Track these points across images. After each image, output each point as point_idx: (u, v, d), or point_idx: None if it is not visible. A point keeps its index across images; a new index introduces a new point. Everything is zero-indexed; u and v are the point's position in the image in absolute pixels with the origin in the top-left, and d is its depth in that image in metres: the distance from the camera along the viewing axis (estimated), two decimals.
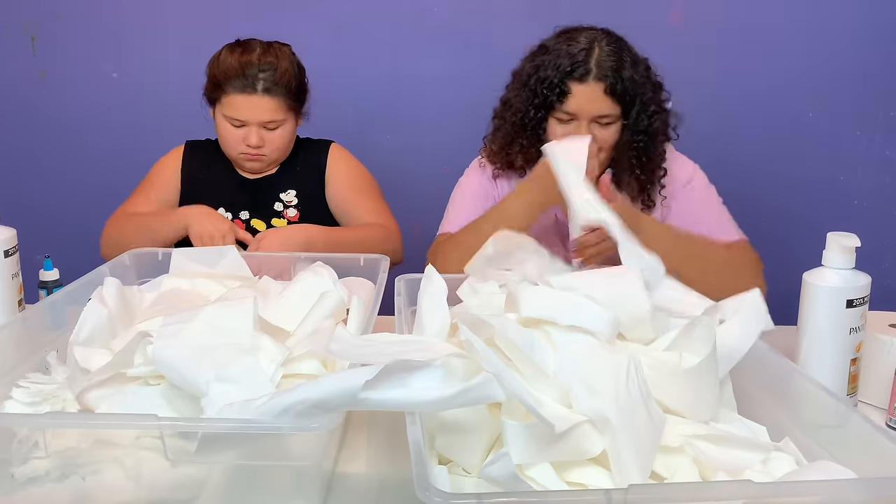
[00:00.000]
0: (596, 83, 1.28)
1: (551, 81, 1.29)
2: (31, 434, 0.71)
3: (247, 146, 1.51)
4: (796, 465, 0.73)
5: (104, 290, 0.97)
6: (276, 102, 1.49)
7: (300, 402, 0.66)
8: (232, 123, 1.50)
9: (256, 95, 1.47)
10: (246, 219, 1.58)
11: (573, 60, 1.28)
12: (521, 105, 1.34)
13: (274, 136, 1.52)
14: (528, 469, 0.67)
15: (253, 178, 1.59)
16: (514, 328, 0.76)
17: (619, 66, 1.29)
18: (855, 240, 0.95)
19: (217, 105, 1.51)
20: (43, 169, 2.16)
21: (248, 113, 1.48)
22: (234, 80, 1.47)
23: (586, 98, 1.29)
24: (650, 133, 1.34)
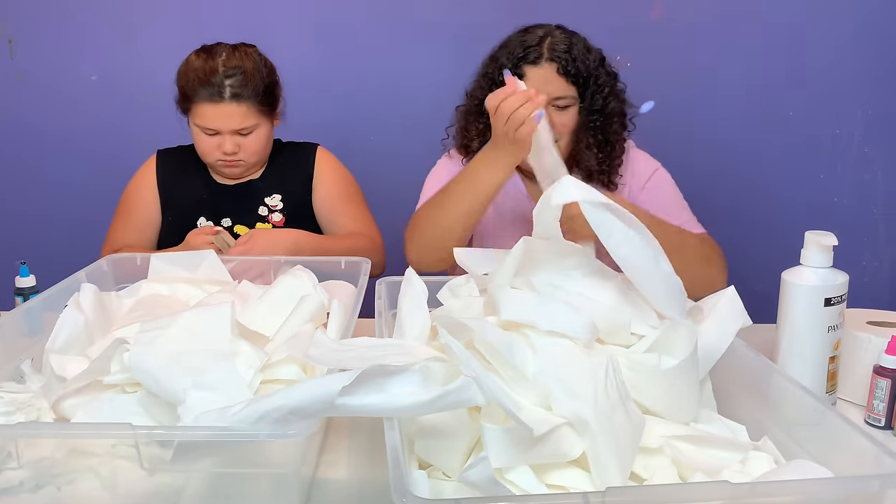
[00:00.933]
0: (549, 64, 1.32)
1: (504, 66, 1.33)
2: (4, 444, 0.70)
3: (223, 153, 1.49)
4: (775, 464, 0.74)
5: (81, 296, 0.96)
6: (246, 108, 1.46)
7: (277, 409, 0.65)
8: (205, 132, 1.48)
9: (224, 103, 1.44)
10: (228, 226, 1.56)
11: (526, 46, 1.33)
12: (478, 92, 1.38)
13: (249, 141, 1.49)
14: (507, 472, 0.67)
15: (234, 183, 1.58)
16: (494, 331, 0.75)
17: (571, 49, 1.33)
18: (832, 238, 0.96)
19: (189, 114, 1.49)
20: (20, 173, 2.13)
21: (219, 121, 1.45)
22: (201, 89, 1.44)
23: (541, 79, 1.31)
24: (606, 114, 1.37)
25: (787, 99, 2.13)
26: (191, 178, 1.58)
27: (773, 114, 2.14)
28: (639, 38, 2.08)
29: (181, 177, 1.59)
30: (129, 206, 1.57)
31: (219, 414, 0.67)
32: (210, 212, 1.55)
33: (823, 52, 2.10)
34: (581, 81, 1.33)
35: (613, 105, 1.37)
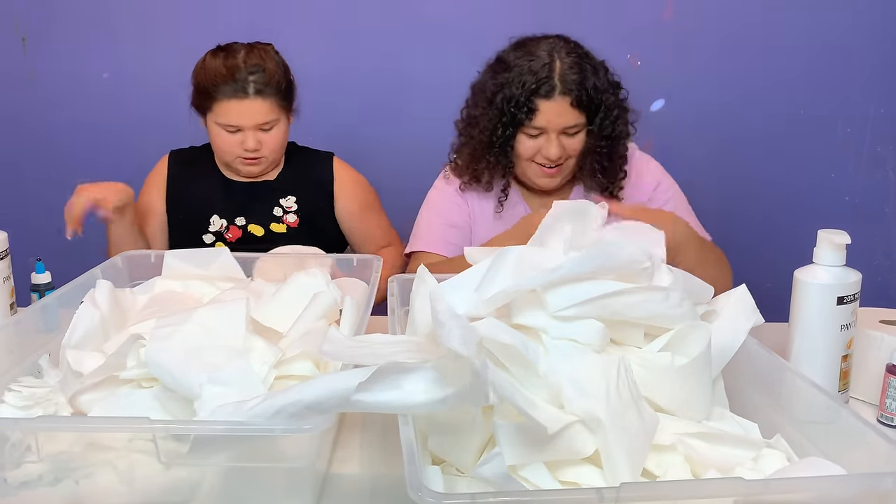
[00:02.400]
0: (562, 98, 1.31)
1: (518, 100, 1.31)
2: (23, 438, 0.71)
3: (244, 150, 1.49)
4: (787, 461, 0.74)
5: (96, 292, 0.97)
6: (269, 104, 1.48)
7: (293, 404, 0.66)
8: (226, 130, 1.48)
9: (249, 99, 1.46)
10: (242, 224, 1.56)
11: (537, 77, 1.30)
12: (488, 123, 1.36)
13: (269, 137, 1.51)
14: (520, 469, 0.68)
15: (248, 182, 1.58)
16: (506, 329, 0.76)
17: (583, 77, 1.32)
18: (845, 237, 0.96)
19: (208, 113, 1.49)
20: (34, 171, 2.15)
21: (243, 118, 1.47)
22: (224, 86, 1.45)
23: (554, 113, 1.31)
24: (614, 137, 1.37)
25: (798, 98, 2.13)
26: (204, 176, 1.59)
27: (785, 112, 2.13)
28: (650, 37, 2.08)
29: (194, 176, 1.59)
30: (142, 218, 1.58)
31: (235, 408, 0.68)
32: (224, 210, 1.56)
33: (835, 51, 2.09)
34: (592, 109, 1.34)
35: (621, 128, 1.37)
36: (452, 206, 1.47)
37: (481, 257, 1.00)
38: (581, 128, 1.35)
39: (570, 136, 1.34)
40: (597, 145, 1.36)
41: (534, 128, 1.33)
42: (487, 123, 1.36)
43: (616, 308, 0.79)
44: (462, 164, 1.44)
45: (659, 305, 0.81)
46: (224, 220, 1.56)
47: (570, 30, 2.01)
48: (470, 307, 0.81)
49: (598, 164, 1.38)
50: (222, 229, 1.56)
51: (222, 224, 1.56)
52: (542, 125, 1.32)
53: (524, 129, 1.34)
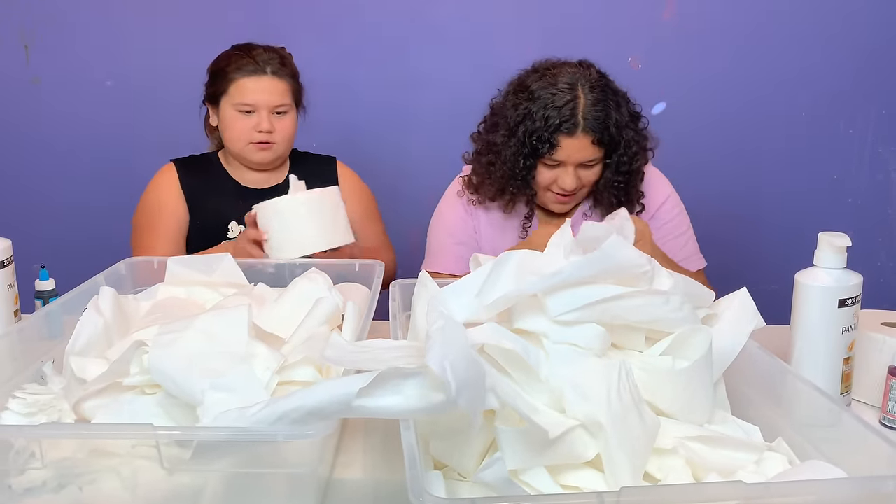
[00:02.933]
0: (584, 135, 1.31)
1: (541, 135, 1.32)
2: (27, 445, 0.71)
3: (257, 133, 1.50)
4: (789, 464, 0.74)
5: (100, 299, 0.97)
6: (284, 85, 1.51)
7: (295, 410, 0.66)
8: (241, 110, 1.50)
9: (266, 77, 1.49)
10: None
11: (560, 114, 1.31)
12: (509, 154, 1.36)
13: (283, 123, 1.52)
14: (522, 473, 0.68)
15: (258, 188, 1.58)
16: (507, 334, 0.76)
17: (606, 115, 1.32)
18: (846, 239, 0.96)
19: (224, 98, 1.51)
20: (38, 178, 2.16)
21: (259, 95, 1.49)
22: (244, 66, 1.49)
23: (574, 148, 1.32)
24: (631, 172, 1.38)
25: (800, 99, 2.13)
26: (218, 184, 1.58)
27: (786, 114, 2.13)
28: (650, 39, 2.08)
29: (207, 183, 1.58)
30: (155, 216, 1.55)
31: (238, 414, 0.68)
32: (239, 217, 1.54)
33: (836, 52, 2.09)
34: (612, 145, 1.34)
35: (639, 162, 1.38)
36: (459, 223, 1.48)
37: None
38: (598, 161, 1.36)
39: (586, 168, 1.36)
40: (614, 179, 1.37)
41: (552, 160, 1.34)
42: (509, 154, 1.36)
43: (617, 312, 0.79)
44: (478, 183, 1.44)
45: (659, 309, 0.81)
46: (243, 225, 1.55)
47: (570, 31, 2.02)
48: (471, 312, 0.81)
49: (615, 198, 1.39)
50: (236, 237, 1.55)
51: (241, 230, 1.55)
52: (561, 159, 1.33)
53: (543, 160, 1.35)
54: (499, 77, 1.46)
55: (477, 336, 0.76)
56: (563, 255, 0.87)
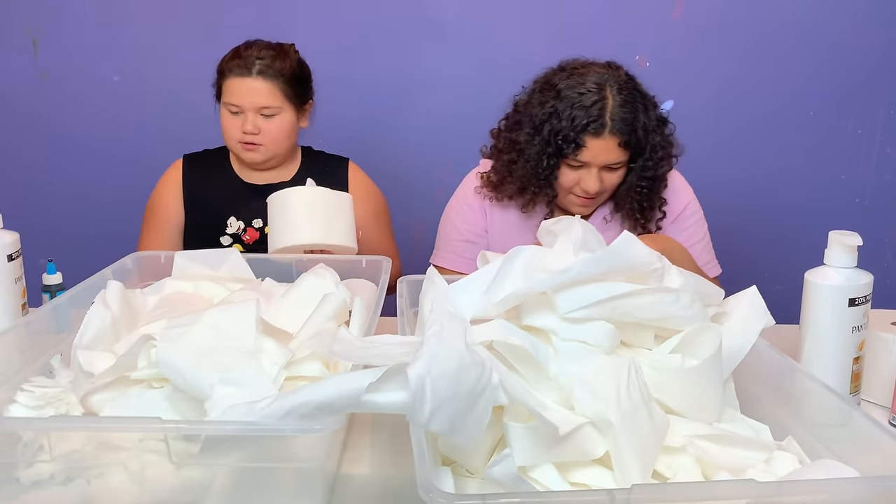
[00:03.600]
0: (611, 137, 1.29)
1: (566, 135, 1.30)
2: (35, 437, 0.71)
3: (242, 133, 1.50)
4: (799, 463, 0.73)
5: (107, 293, 0.97)
6: (271, 86, 1.49)
7: (304, 405, 0.66)
8: (230, 110, 1.50)
9: (251, 78, 1.48)
10: (260, 227, 1.56)
11: (588, 114, 1.28)
12: (533, 153, 1.34)
13: (271, 125, 1.51)
14: (531, 470, 0.68)
15: (264, 184, 1.57)
16: (516, 331, 0.76)
17: (634, 117, 1.30)
18: (857, 238, 0.96)
19: (222, 96, 1.52)
20: (45, 172, 2.16)
21: (243, 97, 1.48)
22: (233, 66, 1.49)
23: (600, 150, 1.30)
24: (656, 178, 1.37)
25: (807, 99, 2.12)
26: (220, 178, 1.59)
27: (794, 114, 2.13)
28: (659, 37, 2.08)
29: (210, 177, 1.59)
30: (154, 216, 1.59)
31: (246, 409, 0.68)
32: (241, 212, 1.56)
33: (845, 52, 2.08)
34: (638, 150, 1.33)
35: (664, 168, 1.37)
36: (470, 221, 1.46)
37: None
38: (623, 165, 1.34)
39: (611, 171, 1.34)
40: (637, 185, 1.36)
41: (577, 161, 1.32)
42: (532, 153, 1.34)
43: (626, 310, 0.79)
44: (497, 181, 1.41)
45: (669, 307, 0.80)
46: (241, 221, 1.56)
47: (577, 28, 2.01)
48: (479, 309, 0.81)
49: (637, 204, 1.38)
50: (239, 231, 1.56)
51: (239, 226, 1.56)
52: (586, 160, 1.31)
53: (567, 161, 1.33)
54: (505, 74, 1.46)
55: (485, 333, 0.76)
56: (572, 252, 0.87)
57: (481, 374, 0.65)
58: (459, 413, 0.64)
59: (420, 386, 0.62)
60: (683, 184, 1.47)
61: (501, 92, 1.44)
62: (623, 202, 1.39)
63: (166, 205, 1.58)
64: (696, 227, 1.45)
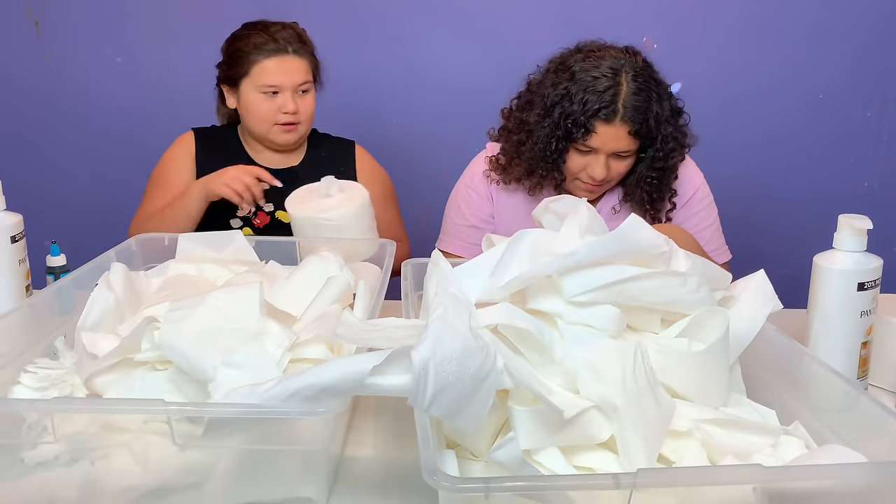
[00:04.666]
0: (622, 124, 1.27)
1: (577, 119, 1.27)
2: (40, 419, 0.71)
3: (283, 114, 1.49)
4: (806, 448, 0.73)
5: (111, 275, 0.97)
6: (305, 63, 1.51)
7: (308, 387, 0.66)
8: (265, 92, 1.48)
9: (289, 56, 1.48)
10: (270, 211, 1.55)
11: (601, 100, 1.26)
12: (543, 135, 1.32)
13: (306, 102, 1.52)
14: (535, 454, 0.67)
15: (274, 168, 1.56)
16: (522, 314, 0.75)
17: (647, 106, 1.27)
18: (867, 222, 0.94)
19: (245, 80, 1.49)
20: (49, 154, 2.16)
21: (283, 76, 1.48)
22: (265, 45, 1.47)
23: (610, 137, 1.28)
24: (666, 169, 1.35)
25: (816, 82, 2.09)
26: (232, 158, 1.56)
27: (804, 96, 2.10)
28: (666, 17, 2.05)
29: (221, 158, 1.56)
30: (165, 180, 1.56)
31: (250, 391, 0.68)
32: None
33: (854, 35, 2.06)
34: (649, 139, 1.31)
35: (674, 160, 1.34)
36: (475, 205, 1.44)
37: None
38: (632, 154, 1.32)
39: (619, 159, 1.32)
40: (647, 175, 1.34)
41: (586, 146, 1.30)
42: (542, 134, 1.32)
43: (632, 293, 0.78)
44: (505, 163, 1.40)
45: (676, 291, 0.80)
46: (253, 206, 1.54)
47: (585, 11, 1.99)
48: (484, 293, 0.80)
49: (647, 195, 1.36)
50: (250, 214, 1.55)
51: (250, 210, 1.54)
52: (595, 146, 1.29)
53: (576, 145, 1.31)
54: (511, 58, 1.44)
55: (490, 316, 0.75)
56: (578, 235, 0.86)
57: (485, 359, 0.65)
58: (462, 397, 0.63)
59: (423, 369, 0.61)
60: (694, 169, 1.45)
61: (508, 76, 1.42)
62: (633, 192, 1.37)
63: (179, 176, 1.55)
64: (706, 212, 1.43)
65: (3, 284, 1.09)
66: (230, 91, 1.54)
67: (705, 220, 1.43)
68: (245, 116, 1.54)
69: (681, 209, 1.42)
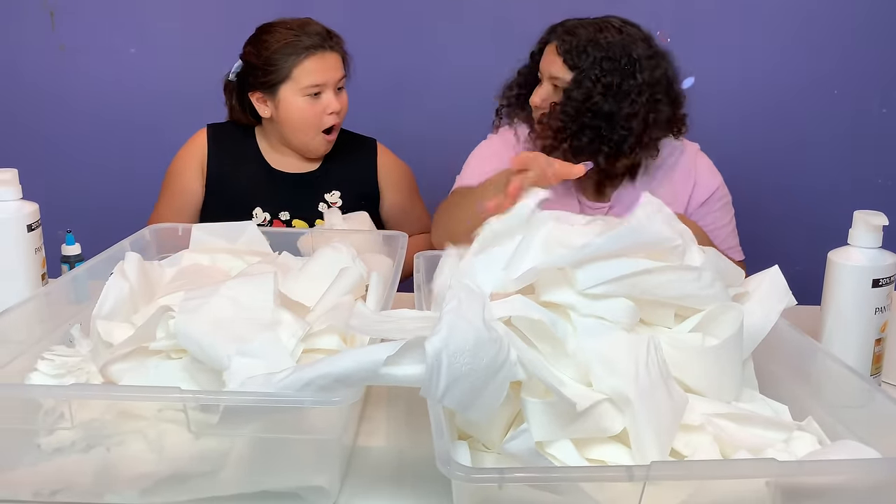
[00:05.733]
0: (553, 45, 1.33)
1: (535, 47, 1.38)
2: (56, 405, 0.72)
3: (328, 116, 1.45)
4: (819, 444, 0.73)
5: (125, 264, 0.98)
6: (340, 58, 1.47)
7: (322, 377, 0.66)
8: (309, 93, 1.43)
9: (329, 52, 1.44)
10: (286, 219, 1.52)
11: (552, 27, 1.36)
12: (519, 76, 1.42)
13: (343, 99, 1.49)
14: (548, 446, 0.67)
15: (294, 173, 1.53)
16: (535, 306, 0.75)
17: (585, 41, 1.29)
18: (882, 218, 0.94)
19: (284, 86, 1.43)
20: (64, 144, 2.17)
21: (327, 73, 1.43)
22: (302, 48, 1.42)
23: (548, 60, 1.33)
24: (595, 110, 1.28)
25: (832, 77, 2.08)
26: (247, 159, 1.53)
27: (818, 92, 2.09)
28: (680, 12, 2.04)
29: (236, 161, 1.53)
30: (172, 186, 1.54)
31: (264, 380, 0.68)
32: (267, 202, 1.51)
33: (870, 29, 2.04)
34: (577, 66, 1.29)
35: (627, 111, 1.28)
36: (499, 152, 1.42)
37: None
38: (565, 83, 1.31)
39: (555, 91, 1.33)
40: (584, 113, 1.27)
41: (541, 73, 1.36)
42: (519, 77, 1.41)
43: (646, 287, 0.78)
44: None
45: (690, 285, 0.79)
46: (267, 213, 1.51)
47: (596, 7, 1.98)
48: (499, 285, 0.81)
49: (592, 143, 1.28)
50: (265, 223, 1.51)
51: (265, 217, 1.51)
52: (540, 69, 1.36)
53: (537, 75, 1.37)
54: (521, 48, 1.44)
55: (504, 308, 0.75)
56: (592, 228, 0.86)
57: (499, 351, 0.65)
58: (475, 389, 0.63)
59: (436, 360, 0.61)
60: (713, 169, 1.44)
61: None
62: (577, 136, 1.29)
63: (186, 183, 1.53)
64: (723, 211, 1.43)
65: (20, 273, 1.09)
66: (263, 99, 1.47)
67: (722, 218, 1.43)
68: (286, 124, 1.46)
69: (699, 207, 1.41)
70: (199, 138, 1.55)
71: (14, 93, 2.14)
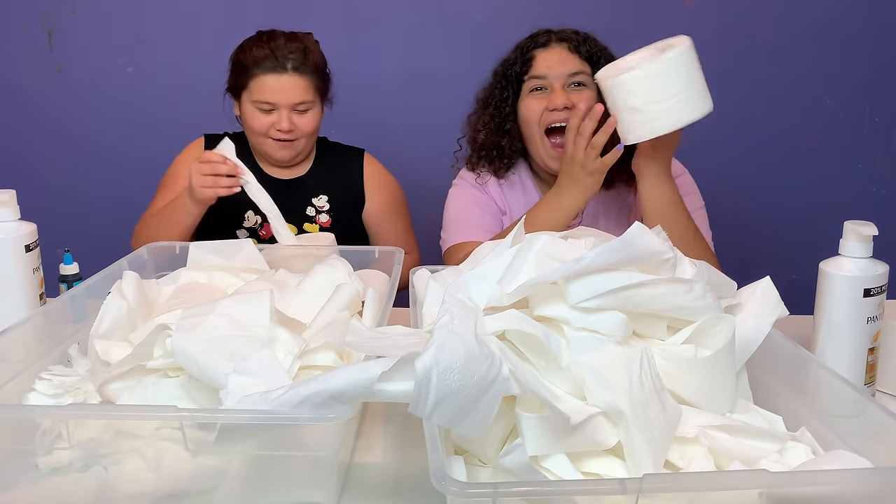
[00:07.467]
0: (558, 44, 1.32)
1: (515, 59, 1.33)
2: (54, 425, 0.72)
3: (277, 131, 1.47)
4: (812, 454, 0.73)
5: (123, 283, 0.98)
6: (306, 82, 1.46)
7: (317, 394, 0.66)
8: (261, 108, 1.46)
9: (287, 75, 1.44)
10: None
11: (534, 36, 1.34)
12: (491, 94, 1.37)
13: (304, 120, 1.49)
14: (543, 460, 0.68)
15: (283, 178, 1.56)
16: (528, 321, 0.76)
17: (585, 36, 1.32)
18: (872, 228, 0.95)
19: (244, 92, 1.48)
20: (62, 164, 2.18)
21: (279, 94, 1.45)
22: (263, 61, 1.44)
23: (554, 59, 1.31)
24: None
25: (825, 87, 2.09)
26: None
27: (811, 101, 2.10)
28: (672, 25, 2.05)
29: None
30: (168, 186, 1.57)
31: (260, 398, 0.69)
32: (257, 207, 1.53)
33: (863, 39, 2.06)
34: (595, 60, 1.31)
35: None
36: (477, 196, 1.45)
37: None
38: (588, 81, 1.31)
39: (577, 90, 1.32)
40: None
41: (536, 79, 1.31)
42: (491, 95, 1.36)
43: (639, 300, 0.79)
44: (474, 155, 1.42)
45: (682, 297, 0.80)
46: (259, 216, 1.54)
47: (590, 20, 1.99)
48: (493, 299, 0.81)
49: None
50: (256, 226, 1.55)
51: (257, 220, 1.54)
52: (543, 72, 1.32)
53: (527, 86, 1.33)
54: None
55: (498, 322, 0.76)
56: (584, 242, 0.87)
57: (490, 366, 0.65)
58: (465, 406, 0.64)
59: (426, 377, 0.62)
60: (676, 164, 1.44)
61: None
62: None
63: (182, 184, 1.52)
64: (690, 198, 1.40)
65: (18, 293, 1.10)
66: (235, 100, 1.54)
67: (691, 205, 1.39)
68: (244, 127, 1.54)
69: None
70: (196, 147, 1.61)
71: (12, 113, 2.15)
